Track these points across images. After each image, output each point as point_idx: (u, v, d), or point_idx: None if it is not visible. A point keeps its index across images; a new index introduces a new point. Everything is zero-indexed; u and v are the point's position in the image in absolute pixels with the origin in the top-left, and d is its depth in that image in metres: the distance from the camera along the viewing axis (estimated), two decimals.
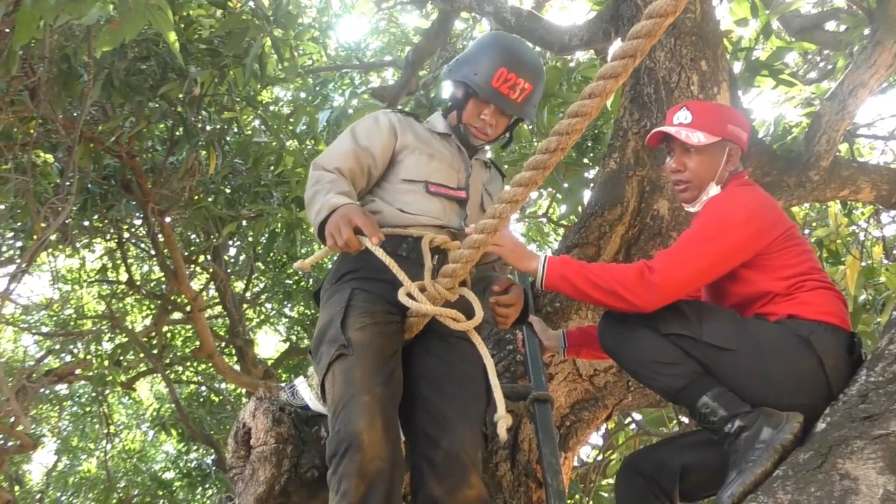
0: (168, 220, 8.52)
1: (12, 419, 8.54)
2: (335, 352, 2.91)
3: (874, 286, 7.08)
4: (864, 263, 7.03)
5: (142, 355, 11.10)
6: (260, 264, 11.05)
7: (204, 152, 7.79)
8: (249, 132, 8.65)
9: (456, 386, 3.08)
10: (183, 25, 6.71)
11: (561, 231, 8.08)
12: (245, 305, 11.81)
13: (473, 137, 3.55)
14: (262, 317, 13.22)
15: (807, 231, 7.79)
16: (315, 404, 3.67)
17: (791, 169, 5.45)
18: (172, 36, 4.93)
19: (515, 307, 3.41)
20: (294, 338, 12.73)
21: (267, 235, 8.45)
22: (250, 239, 9.59)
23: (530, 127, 6.57)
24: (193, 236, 10.04)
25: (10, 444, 9.85)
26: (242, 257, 10.97)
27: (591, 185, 6.48)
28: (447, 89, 3.97)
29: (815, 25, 7.46)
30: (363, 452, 2.64)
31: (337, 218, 2.98)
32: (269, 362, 12.04)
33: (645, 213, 4.95)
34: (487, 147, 3.78)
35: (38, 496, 15.22)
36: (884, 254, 7.48)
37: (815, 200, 6.19)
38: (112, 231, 9.71)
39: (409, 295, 2.96)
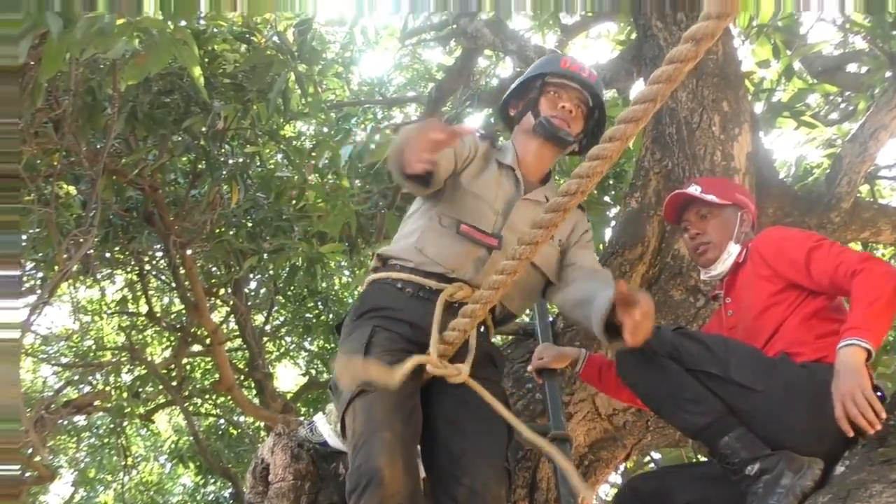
0: (189, 252, 8.54)
1: (30, 450, 8.53)
2: (357, 388, 2.88)
3: (894, 328, 7.03)
4: None
5: (161, 387, 11.11)
6: (280, 298, 11.05)
7: (226, 186, 7.82)
8: (272, 166, 8.69)
9: (475, 423, 3.04)
10: (208, 60, 6.75)
11: None
12: (265, 339, 11.82)
13: (558, 129, 3.41)
14: (282, 350, 13.22)
15: None
16: (334, 441, 3.66)
17: (812, 210, 5.43)
18: (197, 70, 4.96)
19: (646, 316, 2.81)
20: (314, 371, 12.71)
21: (288, 269, 8.45)
22: (271, 272, 9.60)
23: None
24: (214, 269, 10.05)
25: (27, 474, 9.85)
26: (263, 290, 10.98)
27: (613, 223, 6.46)
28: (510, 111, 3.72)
29: (836, 67, 7.44)
30: (383, 488, 2.61)
31: (408, 135, 2.87)
32: (289, 396, 12.01)
33: (665, 252, 4.95)
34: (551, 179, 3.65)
35: None
36: None
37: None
38: (133, 263, 9.75)
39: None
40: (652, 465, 8.29)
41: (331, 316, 11.15)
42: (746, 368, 3.04)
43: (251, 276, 10.23)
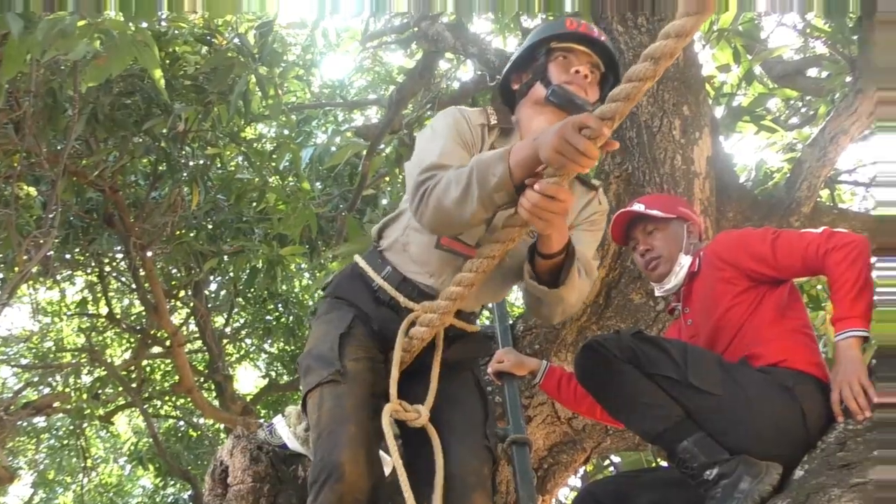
0: (149, 254, 8.51)
1: None
2: (329, 376, 2.82)
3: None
4: None
5: (120, 389, 11.04)
6: (240, 300, 11.02)
7: (187, 188, 7.81)
8: (233, 168, 8.68)
9: (449, 412, 3.02)
10: (168, 62, 6.75)
11: None
12: (225, 341, 11.78)
13: (574, 94, 2.98)
14: (242, 352, 13.18)
15: None
16: (293, 443, 3.66)
17: (772, 214, 5.49)
18: (158, 72, 4.98)
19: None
20: (273, 374, 12.68)
21: (248, 271, 8.45)
22: (231, 274, 9.57)
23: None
24: (175, 271, 10.03)
25: None
26: (223, 293, 10.96)
27: None
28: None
29: (797, 71, 7.52)
30: (343, 483, 2.58)
31: (551, 139, 2.40)
32: (249, 398, 11.99)
33: (626, 256, 4.98)
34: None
35: None
36: None
37: None
38: (93, 264, 9.70)
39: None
40: (611, 468, 8.35)
41: (291, 318, 11.13)
42: (704, 373, 3.07)
43: (211, 278, 10.22)
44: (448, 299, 2.91)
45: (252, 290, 10.22)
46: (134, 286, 9.46)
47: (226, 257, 8.55)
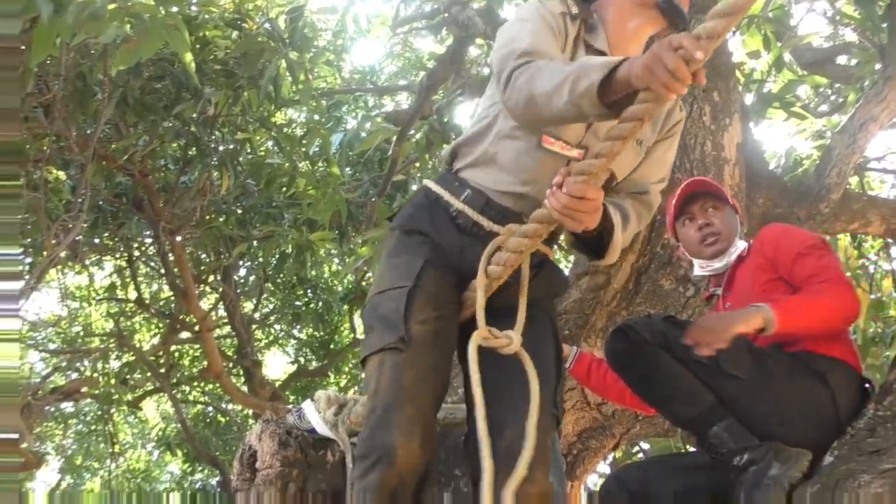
0: (179, 239, 8.53)
1: (17, 435, 8.52)
2: (391, 342, 2.64)
3: (883, 319, 7.06)
4: (873, 296, 7.01)
5: (149, 374, 11.11)
6: (270, 285, 11.05)
7: (216, 172, 7.81)
8: (262, 153, 8.67)
9: (514, 377, 2.70)
10: (199, 46, 6.73)
11: (571, 257, 8.06)
12: (254, 326, 11.82)
13: (678, 5, 2.70)
14: (271, 338, 13.23)
15: None
16: (322, 428, 3.63)
17: (802, 201, 5.44)
18: (189, 56, 4.94)
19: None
20: (302, 360, 12.72)
21: (277, 257, 8.45)
22: (260, 260, 9.60)
23: None
24: (204, 256, 10.05)
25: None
26: (252, 278, 10.98)
27: None
28: None
29: (826, 59, 7.46)
30: (394, 467, 2.48)
31: (646, 58, 2.18)
32: (277, 384, 12.01)
33: (655, 242, 4.96)
34: None
35: None
36: (893, 287, 7.46)
37: (826, 233, 6.18)
38: (122, 249, 9.73)
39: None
40: (641, 455, 8.32)
41: (320, 304, 11.15)
42: (736, 358, 3.03)
43: (241, 263, 10.24)
44: (537, 221, 2.65)
45: (281, 275, 10.23)
46: (163, 271, 9.48)
47: (255, 242, 8.56)
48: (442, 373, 2.72)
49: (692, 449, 5.39)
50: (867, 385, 3.08)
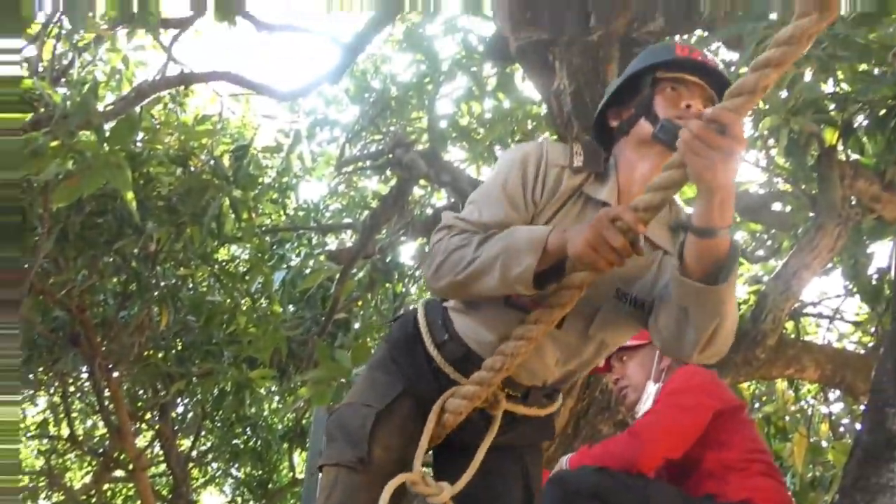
0: (115, 374, 8.40)
1: None
2: (350, 460, 2.51)
3: (821, 463, 7.07)
4: (811, 440, 7.04)
5: None
6: (208, 423, 10.88)
7: (156, 308, 7.75)
8: (204, 289, 8.64)
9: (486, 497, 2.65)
10: (143, 182, 6.75)
11: None
12: (190, 464, 11.58)
13: None
14: (208, 477, 12.96)
15: (756, 405, 7.79)
16: None
17: (738, 346, 5.47)
18: (130, 195, 4.97)
19: None
20: (240, 499, 12.46)
21: (216, 394, 8.35)
22: (199, 397, 9.47)
23: None
24: (141, 392, 9.90)
25: None
26: (191, 415, 10.80)
27: None
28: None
29: (762, 205, 7.61)
30: None
31: (586, 234, 2.14)
32: None
33: (594, 386, 4.96)
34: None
35: None
36: (830, 431, 7.48)
37: (762, 378, 6.22)
38: (57, 384, 9.55)
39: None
40: None
41: (259, 442, 10.97)
42: None
43: (179, 400, 10.08)
44: (491, 370, 2.48)
45: (220, 412, 10.09)
46: (98, 407, 9.30)
47: (194, 379, 8.45)
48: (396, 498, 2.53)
49: None
50: None
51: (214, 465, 12.62)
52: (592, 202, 2.54)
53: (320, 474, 2.61)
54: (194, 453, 11.59)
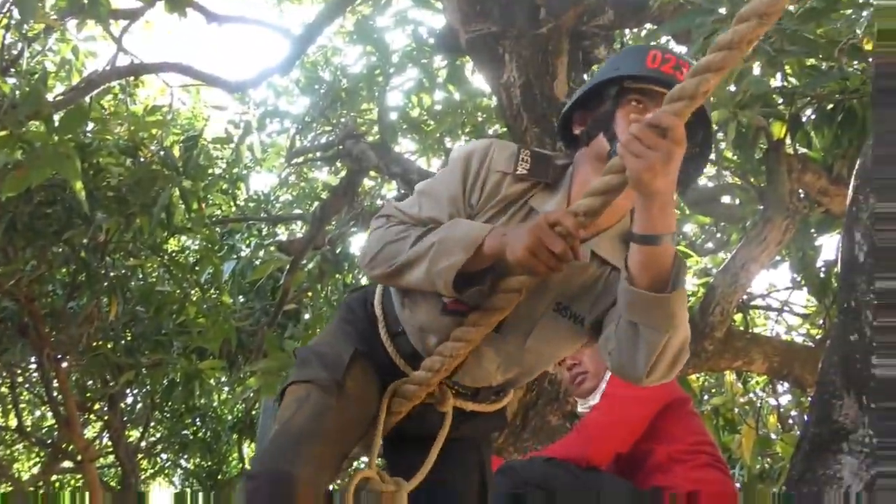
0: (65, 365, 8.36)
1: None
2: (326, 379, 2.42)
3: (770, 455, 7.13)
4: (759, 432, 7.11)
5: None
6: (157, 413, 10.83)
7: (105, 298, 7.72)
8: (153, 280, 8.62)
9: (439, 500, 2.62)
10: (92, 172, 6.73)
11: None
12: (139, 455, 11.52)
13: None
14: (157, 468, 12.89)
15: (705, 397, 7.87)
16: None
17: None
18: (79, 185, 4.97)
19: None
20: (189, 491, 12.40)
21: (166, 384, 8.34)
22: (148, 388, 9.43)
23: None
24: (90, 383, 9.84)
25: None
26: (140, 406, 10.75)
27: None
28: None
29: (711, 198, 7.69)
30: (286, 500, 2.16)
31: (524, 237, 2.12)
32: None
33: (543, 378, 5.01)
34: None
35: None
36: (779, 423, 7.55)
37: (710, 370, 6.29)
38: (4, 375, 9.48)
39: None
40: None
41: (208, 433, 10.95)
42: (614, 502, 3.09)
43: (128, 390, 10.03)
44: (430, 370, 2.47)
45: (169, 403, 10.04)
46: (46, 398, 9.25)
47: (143, 370, 8.42)
48: (355, 437, 2.49)
49: None
50: None
51: (164, 456, 12.54)
52: (536, 213, 2.40)
53: (285, 394, 2.51)
54: (143, 444, 11.51)
